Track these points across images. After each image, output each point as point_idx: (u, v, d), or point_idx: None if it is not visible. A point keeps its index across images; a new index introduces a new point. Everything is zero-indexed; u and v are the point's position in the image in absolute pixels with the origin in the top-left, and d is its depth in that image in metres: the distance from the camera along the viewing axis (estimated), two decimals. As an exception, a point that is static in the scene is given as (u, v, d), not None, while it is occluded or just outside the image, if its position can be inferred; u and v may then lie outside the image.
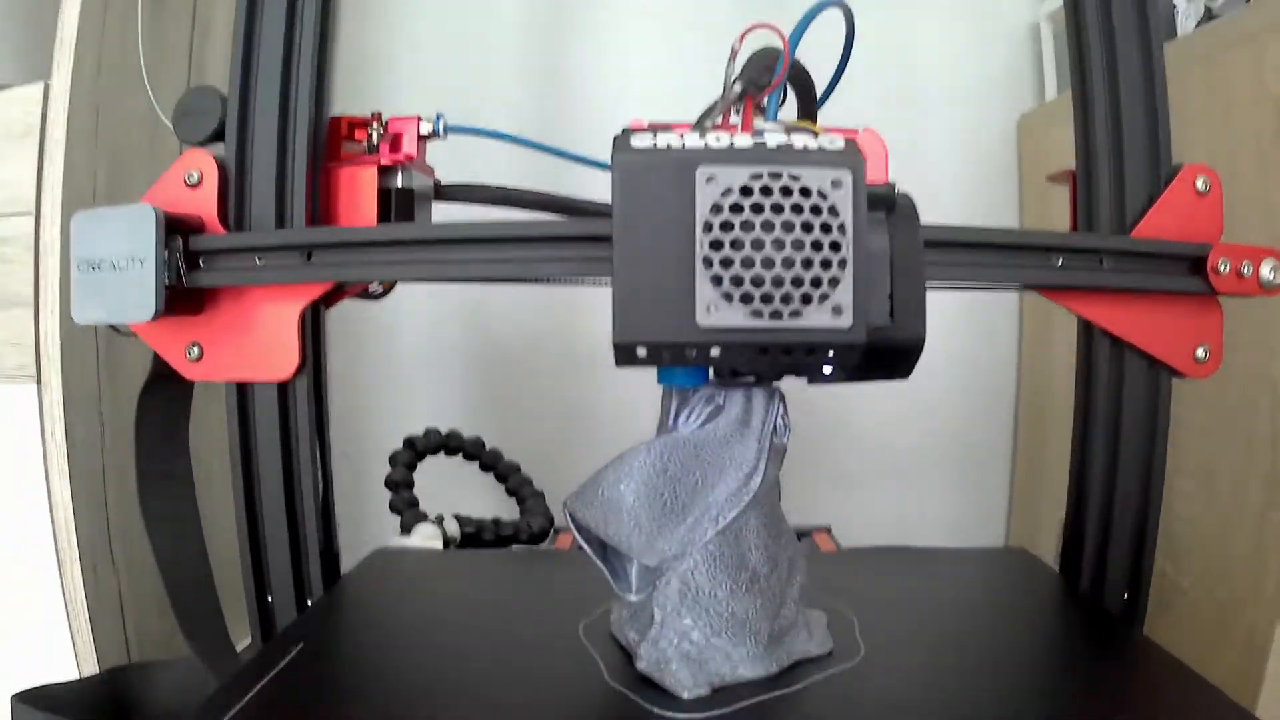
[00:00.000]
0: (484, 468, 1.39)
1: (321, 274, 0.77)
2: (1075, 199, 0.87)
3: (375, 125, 0.85)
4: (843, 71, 0.81)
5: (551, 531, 1.32)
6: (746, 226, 0.54)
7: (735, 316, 0.54)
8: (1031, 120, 1.74)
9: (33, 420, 1.13)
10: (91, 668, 1.15)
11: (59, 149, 1.10)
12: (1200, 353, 0.82)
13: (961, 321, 1.79)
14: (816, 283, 0.54)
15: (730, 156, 0.55)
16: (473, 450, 1.37)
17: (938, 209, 0.76)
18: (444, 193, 0.93)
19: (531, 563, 1.05)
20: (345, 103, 0.85)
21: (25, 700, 0.86)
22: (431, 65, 1.77)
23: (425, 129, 0.87)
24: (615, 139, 0.57)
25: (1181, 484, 1.25)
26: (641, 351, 0.57)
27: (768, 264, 0.54)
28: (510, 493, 1.38)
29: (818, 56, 0.77)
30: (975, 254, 0.76)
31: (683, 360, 0.59)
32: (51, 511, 1.14)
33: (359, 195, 0.84)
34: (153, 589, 1.27)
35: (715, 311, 0.54)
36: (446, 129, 0.88)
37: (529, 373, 1.77)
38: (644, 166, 0.55)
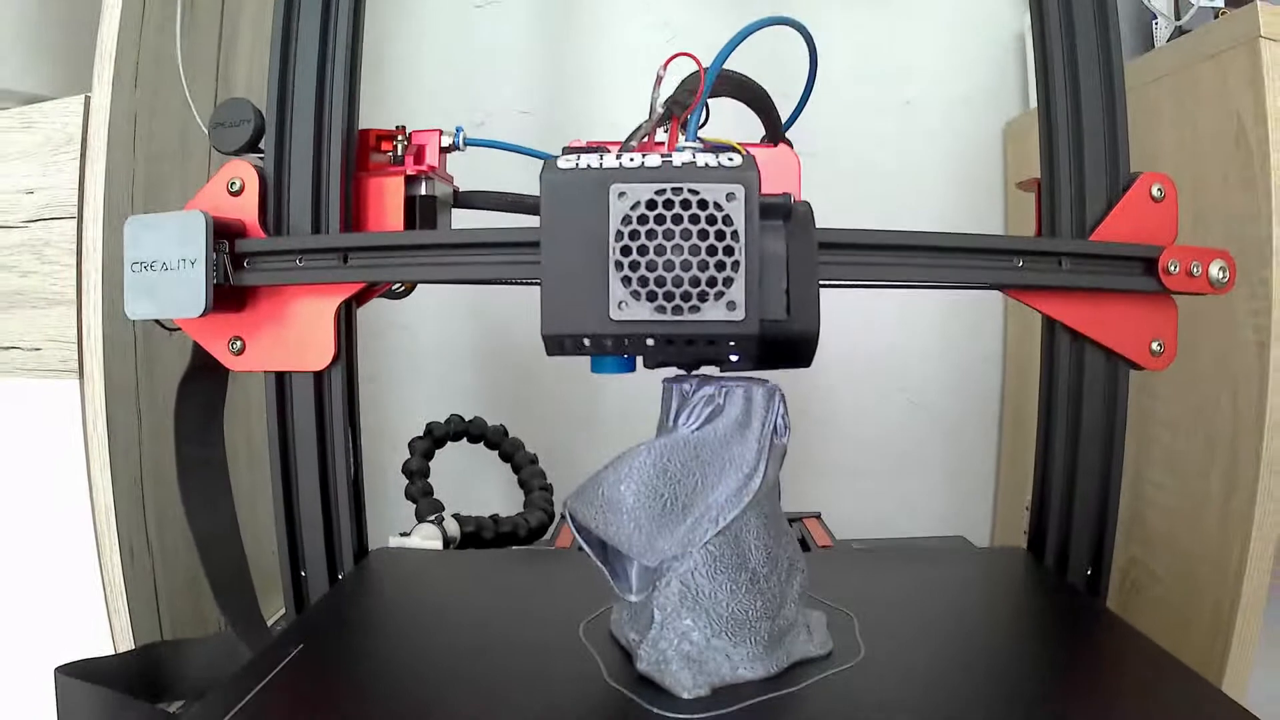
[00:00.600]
0: (503, 457, 1.40)
1: (356, 275, 0.84)
2: (1040, 205, 0.92)
3: (401, 138, 0.92)
4: (809, 92, 0.87)
5: (550, 527, 1.32)
6: (652, 235, 0.62)
7: (643, 311, 0.62)
8: (1017, 127, 1.74)
9: (75, 413, 1.16)
10: (127, 643, 1.18)
11: (100, 157, 1.14)
12: (1155, 346, 0.88)
13: (948, 320, 1.79)
14: (712, 282, 0.62)
15: (639, 175, 0.63)
16: (494, 438, 1.38)
17: (925, 213, 0.82)
18: (462, 199, 0.99)
19: (531, 563, 1.04)
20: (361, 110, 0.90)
21: (68, 672, 0.90)
22: (438, 63, 1.79)
23: (446, 141, 0.94)
24: (545, 162, 0.64)
25: (1152, 475, 1.29)
26: (567, 342, 0.65)
27: (670, 266, 0.62)
28: (521, 484, 1.38)
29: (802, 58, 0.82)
30: (947, 257, 0.83)
31: (602, 350, 0.66)
32: (92, 499, 1.17)
33: (388, 203, 0.91)
34: (185, 573, 1.30)
35: (626, 308, 0.62)
36: (466, 141, 0.95)
37: (542, 371, 1.78)
38: (567, 184, 0.64)
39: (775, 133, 0.88)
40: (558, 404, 1.80)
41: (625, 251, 0.62)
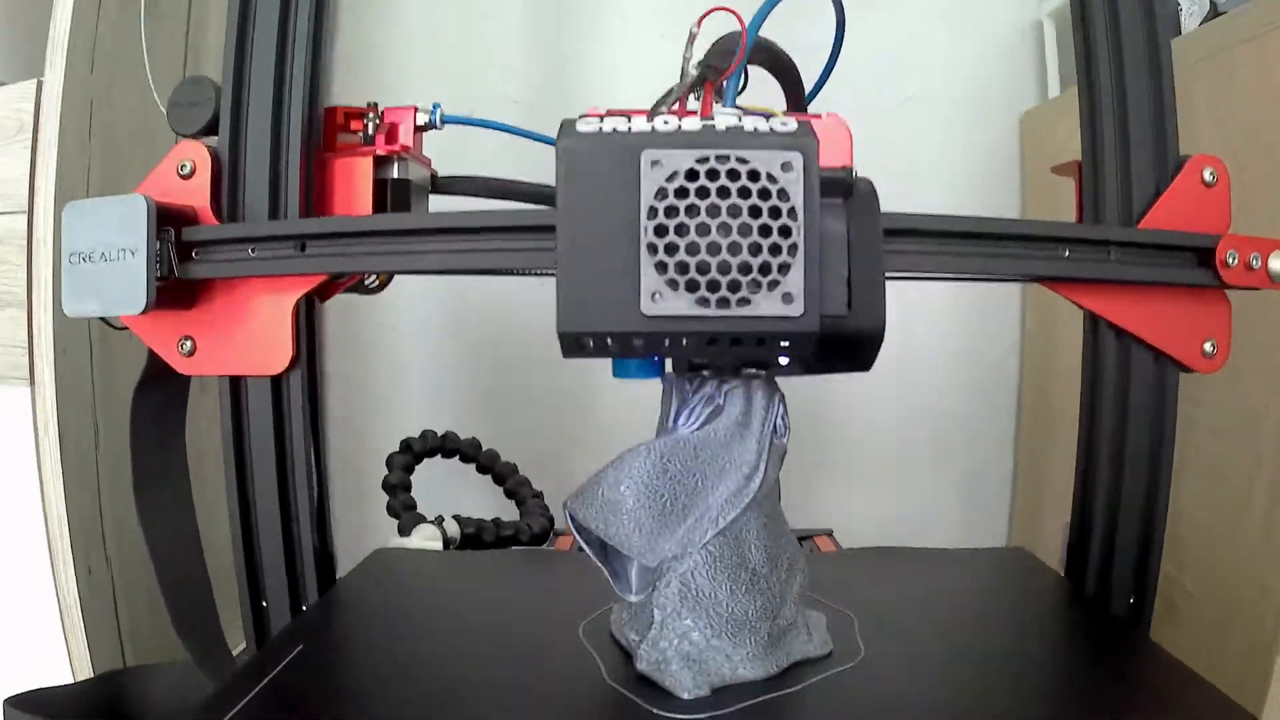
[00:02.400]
0: (481, 469, 1.39)
1: (315, 265, 0.76)
2: (1081, 190, 0.86)
3: (371, 116, 0.85)
4: (835, 62, 0.80)
5: (551, 533, 1.32)
6: (692, 211, 0.52)
7: (681, 305, 0.53)
8: (1034, 117, 1.75)
9: (26, 421, 1.13)
10: (86, 669, 1.15)
11: (52, 147, 1.10)
12: (1208, 347, 0.81)
13: (962, 317, 1.80)
14: (765, 269, 0.52)
15: (676, 140, 0.53)
16: (469, 451, 1.37)
17: (941, 205, 0.76)
18: (440, 184, 0.93)
19: (531, 563, 1.05)
20: (346, 96, 0.85)
21: (18, 705, 0.86)
22: (430, 57, 1.79)
23: (422, 119, 0.87)
24: (561, 123, 0.56)
25: (1188, 485, 1.24)
26: (588, 342, 0.56)
27: (714, 250, 0.52)
28: (509, 494, 1.38)
29: (820, 44, 0.77)
30: (983, 244, 0.75)
31: (630, 351, 0.57)
32: (45, 513, 1.13)
33: (354, 186, 0.84)
34: (147, 590, 1.26)
35: (661, 300, 0.53)
36: (443, 119, 0.88)
37: (528, 371, 1.78)
38: (588, 151, 0.54)
39: (800, 104, 0.81)
40: (551, 404, 1.81)
41: (660, 232, 0.52)
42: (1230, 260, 0.77)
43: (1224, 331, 0.82)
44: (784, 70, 0.76)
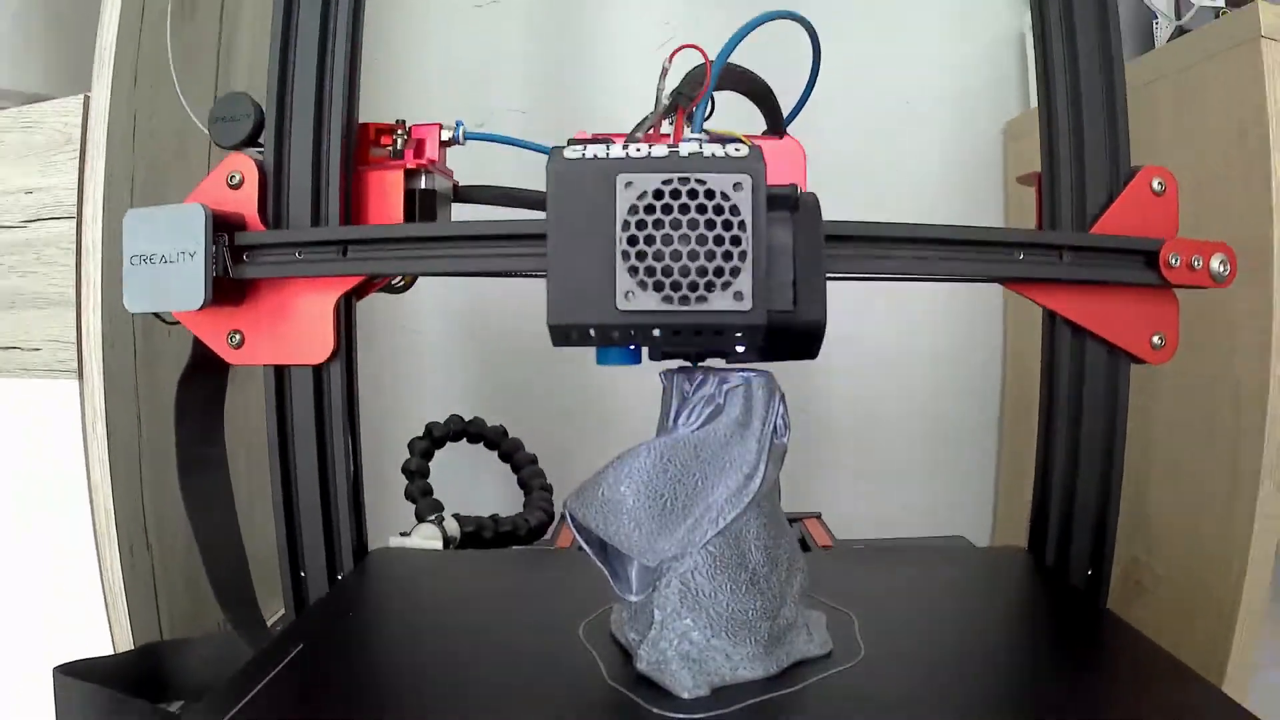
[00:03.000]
0: (503, 457, 1.40)
1: (356, 267, 0.83)
2: (1040, 198, 0.92)
3: (400, 132, 0.92)
4: (812, 87, 0.87)
5: (550, 527, 1.32)
6: (659, 224, 0.61)
7: (650, 302, 0.61)
8: (1017, 126, 1.76)
9: (74, 413, 1.16)
10: (127, 642, 1.18)
11: (99, 157, 1.14)
12: (1156, 340, 0.88)
13: (950, 323, 1.81)
14: (719, 272, 0.60)
15: (646, 165, 0.62)
16: (494, 438, 1.38)
17: (925, 211, 0.82)
18: (462, 194, 0.99)
19: (531, 563, 1.04)
20: (361, 111, 0.90)
21: (66, 671, 0.90)
22: (439, 70, 1.80)
23: (446, 135, 0.93)
24: (551, 150, 0.64)
25: (1153, 475, 1.29)
26: (573, 333, 0.64)
27: (676, 256, 0.60)
28: (520, 484, 1.38)
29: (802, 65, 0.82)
30: (949, 249, 0.82)
31: (608, 341, 0.65)
32: (91, 499, 1.17)
33: (387, 196, 0.91)
34: (184, 572, 1.30)
35: (633, 298, 0.61)
36: (466, 135, 0.94)
37: (534, 369, 1.79)
38: (573, 173, 0.62)
39: (777, 126, 0.88)
40: (559, 403, 1.81)
41: (632, 241, 0.61)
42: (1173, 261, 0.84)
43: (1172, 326, 0.88)
44: (757, 94, 0.84)
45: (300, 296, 0.86)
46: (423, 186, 0.92)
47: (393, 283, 1.00)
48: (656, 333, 0.63)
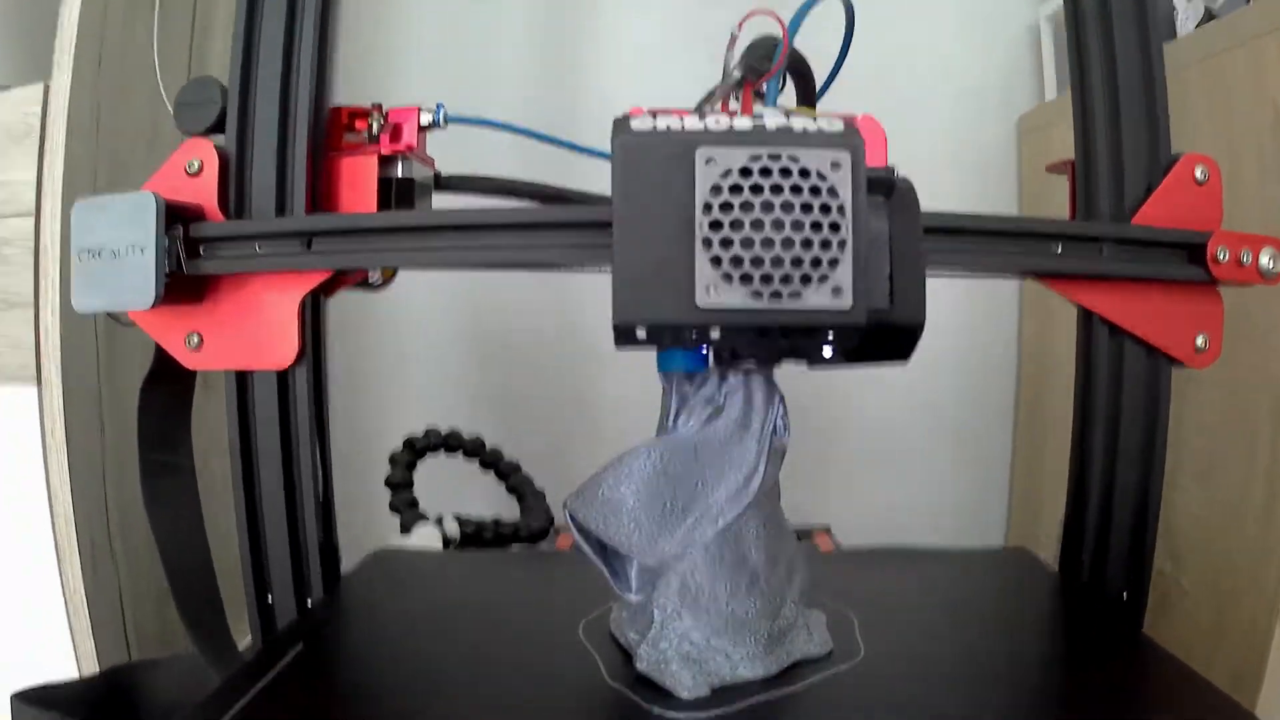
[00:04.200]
0: (484, 466, 1.40)
1: (321, 261, 0.77)
2: (1074, 188, 0.87)
3: (376, 115, 0.86)
4: (843, 61, 0.81)
5: (551, 530, 1.32)
6: (746, 207, 0.54)
7: (735, 297, 0.54)
8: (1031, 120, 1.76)
9: (33, 420, 1.13)
10: (91, 664, 1.15)
11: (59, 149, 1.11)
12: (1200, 341, 0.82)
13: (960, 314, 1.81)
14: (816, 263, 0.54)
15: (729, 138, 0.55)
16: (472, 449, 1.37)
17: (938, 206, 0.77)
18: (444, 183, 0.94)
19: (531, 563, 1.05)
20: (348, 95, 0.86)
21: (26, 699, 0.86)
22: (435, 57, 1.80)
23: (425, 119, 0.87)
24: (615, 122, 0.57)
25: (1182, 482, 1.26)
26: (641, 333, 0.57)
27: (767, 244, 0.54)
28: (511, 490, 1.38)
29: (818, 47, 0.77)
30: (976, 241, 0.77)
31: (682, 341, 0.60)
32: (52, 510, 1.14)
33: (360, 184, 0.84)
34: (151, 586, 1.28)
35: (715, 292, 0.54)
36: (447, 119, 0.88)
37: (532, 369, 1.79)
38: (644, 148, 0.55)
39: (811, 104, 0.81)
40: (556, 403, 1.82)
41: (715, 227, 0.54)
42: (1221, 256, 0.78)
43: (1216, 326, 0.82)
44: (797, 70, 0.78)
45: (263, 294, 0.80)
46: (399, 174, 0.86)
47: (369, 279, 0.94)
48: (740, 332, 0.58)
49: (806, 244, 0.54)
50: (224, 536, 0.93)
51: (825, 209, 0.54)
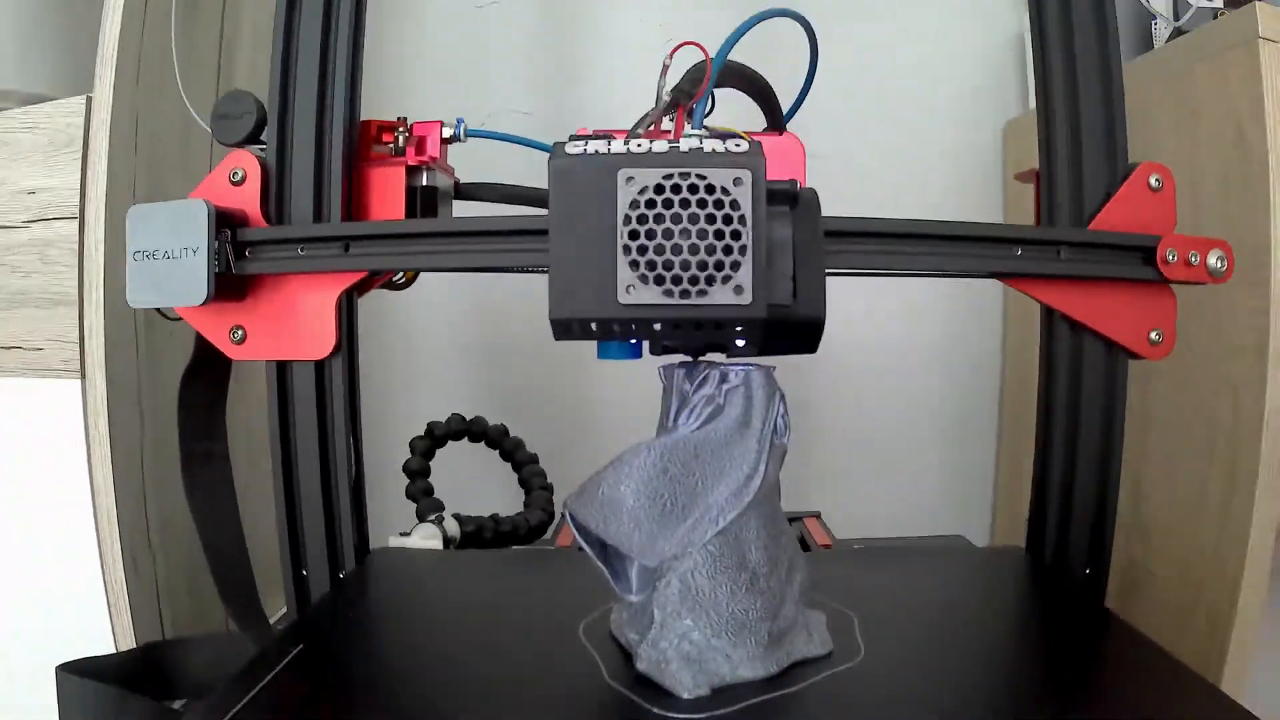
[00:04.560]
0: (504, 456, 1.40)
1: (358, 263, 0.84)
2: (1039, 195, 0.93)
3: (402, 129, 0.93)
4: (810, 85, 0.88)
5: (550, 526, 1.32)
6: (660, 219, 0.61)
7: (651, 295, 0.61)
8: (1017, 127, 1.76)
9: (77, 413, 1.16)
10: (129, 642, 1.17)
11: (101, 157, 1.15)
12: (1154, 335, 0.88)
13: (949, 321, 1.81)
14: (719, 266, 0.61)
15: (647, 160, 0.62)
16: (495, 437, 1.38)
17: (925, 211, 0.82)
18: (463, 191, 1.00)
19: (531, 563, 1.05)
20: (365, 110, 0.91)
21: (69, 670, 0.90)
22: (444, 72, 1.80)
23: (447, 133, 0.94)
24: (554, 145, 0.64)
25: (1150, 474, 1.29)
26: (575, 327, 0.64)
27: (677, 250, 0.61)
28: (521, 482, 1.38)
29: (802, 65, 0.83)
30: (948, 245, 0.83)
31: (609, 334, 0.66)
32: (94, 500, 1.17)
33: (389, 193, 0.91)
34: (186, 575, 1.30)
35: (634, 291, 0.61)
36: (467, 133, 0.95)
37: (533, 369, 1.79)
38: (575, 169, 0.63)
39: (777, 123, 0.88)
40: (559, 402, 1.81)
41: (634, 235, 0.61)
42: (1170, 257, 0.85)
43: (1169, 322, 0.88)
44: (757, 91, 0.85)
45: (302, 292, 0.87)
46: (424, 183, 0.93)
47: (394, 279, 1.01)
48: (657, 326, 0.64)
49: (711, 249, 0.61)
50: (253, 518, 0.98)
51: (728, 219, 0.61)
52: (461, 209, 0.99)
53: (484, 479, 1.50)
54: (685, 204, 0.61)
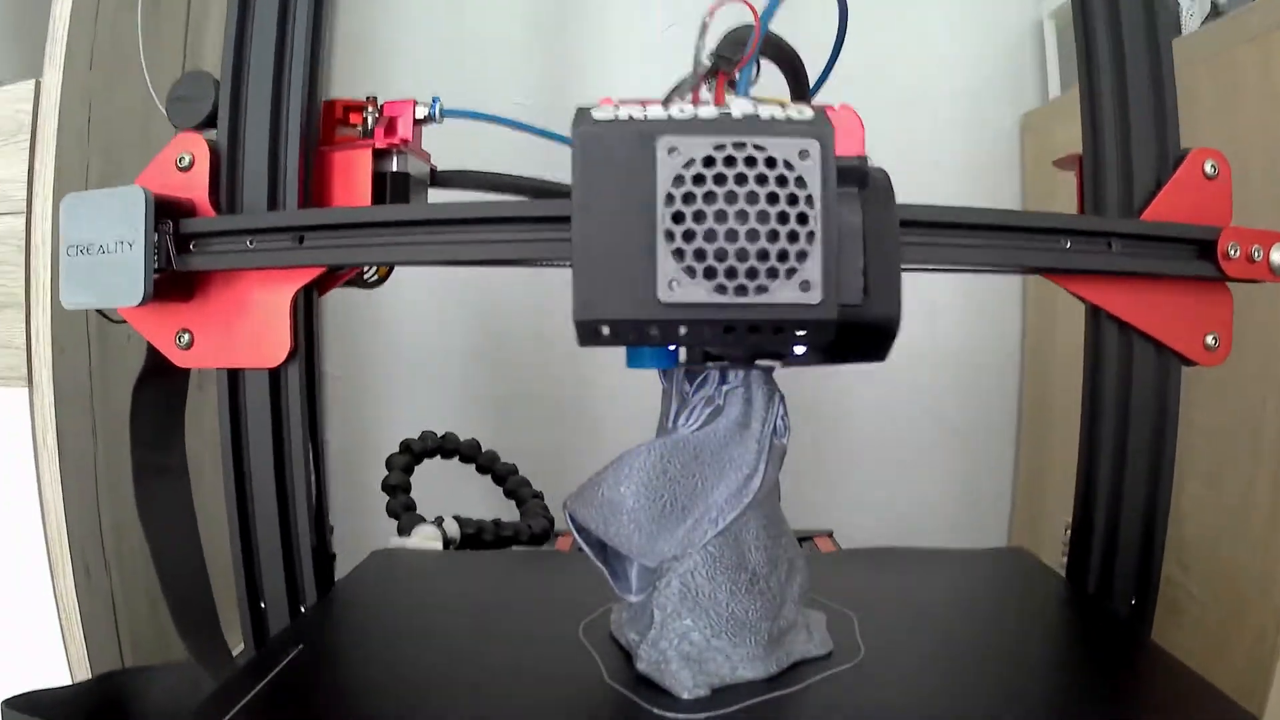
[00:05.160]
0: (481, 470, 1.39)
1: (313, 257, 0.76)
2: (1082, 183, 0.86)
3: (370, 109, 0.85)
4: (838, 54, 0.80)
5: (552, 533, 1.32)
6: (710, 198, 0.52)
7: (699, 292, 0.52)
8: (1035, 118, 1.76)
9: (24, 423, 1.12)
10: (84, 671, 1.14)
11: (50, 147, 1.10)
12: (1210, 340, 0.81)
13: (964, 319, 1.81)
14: (783, 256, 0.52)
15: (693, 127, 0.53)
16: (469, 452, 1.38)
17: (941, 203, 0.75)
18: (440, 178, 0.93)
19: (531, 563, 1.05)
20: (345, 88, 0.85)
21: (17, 706, 0.86)
22: (434, 62, 1.79)
23: (421, 112, 0.87)
24: (577, 111, 0.55)
25: (1189, 487, 1.24)
26: (604, 330, 0.55)
27: (731, 237, 0.52)
28: (509, 494, 1.38)
29: (824, 42, 0.76)
30: (985, 236, 0.75)
31: (646, 339, 0.57)
32: (43, 515, 1.13)
33: (353, 179, 0.84)
34: (145, 592, 1.27)
35: (678, 287, 0.52)
36: (443, 112, 0.88)
37: (531, 370, 1.79)
38: (605, 138, 0.54)
39: (805, 97, 0.80)
40: (551, 404, 1.81)
41: (678, 219, 0.52)
42: (1232, 252, 0.77)
43: (1226, 325, 0.82)
44: (789, 63, 0.76)
45: (253, 291, 0.79)
46: (394, 169, 0.85)
47: (364, 277, 0.93)
48: (705, 329, 0.55)
49: (773, 236, 0.52)
50: (218, 541, 0.91)
51: (793, 199, 0.52)
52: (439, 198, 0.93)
53: (472, 491, 1.48)
54: (741, 180, 0.52)
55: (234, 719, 0.59)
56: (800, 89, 0.78)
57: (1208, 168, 0.81)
